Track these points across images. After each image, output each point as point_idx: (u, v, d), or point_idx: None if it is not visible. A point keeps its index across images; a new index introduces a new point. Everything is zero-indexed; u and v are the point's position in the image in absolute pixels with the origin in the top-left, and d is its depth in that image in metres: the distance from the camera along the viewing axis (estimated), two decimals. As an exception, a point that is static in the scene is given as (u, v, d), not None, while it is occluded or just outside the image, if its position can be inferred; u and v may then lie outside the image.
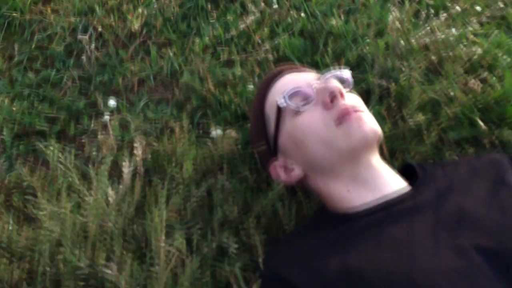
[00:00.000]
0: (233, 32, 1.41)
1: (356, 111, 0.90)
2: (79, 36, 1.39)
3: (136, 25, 1.38)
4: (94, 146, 1.11)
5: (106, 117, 1.13)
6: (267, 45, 1.37)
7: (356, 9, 1.51)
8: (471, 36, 1.28)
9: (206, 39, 1.42)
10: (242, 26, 1.42)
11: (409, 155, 1.06)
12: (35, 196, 0.95)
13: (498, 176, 0.87)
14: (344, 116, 0.89)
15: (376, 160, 0.91)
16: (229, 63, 1.38)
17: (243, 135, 1.15)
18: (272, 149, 1.00)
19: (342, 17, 1.46)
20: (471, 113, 1.11)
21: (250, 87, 1.25)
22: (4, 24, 1.46)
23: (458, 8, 1.51)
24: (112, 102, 1.15)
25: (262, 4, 1.56)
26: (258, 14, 1.46)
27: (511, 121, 1.09)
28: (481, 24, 1.46)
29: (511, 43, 1.29)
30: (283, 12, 1.53)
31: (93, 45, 1.37)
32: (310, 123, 0.92)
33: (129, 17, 1.40)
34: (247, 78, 1.28)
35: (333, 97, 0.91)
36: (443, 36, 1.22)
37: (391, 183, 0.89)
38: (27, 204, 0.92)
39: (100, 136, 1.10)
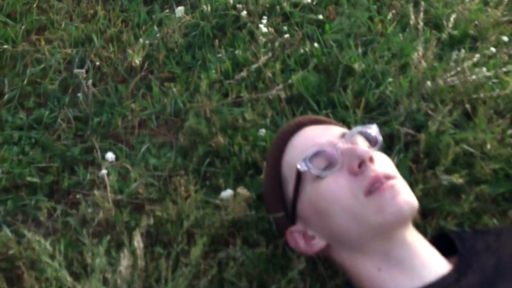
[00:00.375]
0: (243, 69, 1.28)
1: (388, 178, 0.78)
2: (76, 70, 1.27)
3: (137, 60, 1.25)
4: (89, 204, 0.98)
5: (103, 172, 1.00)
6: (279, 83, 1.24)
7: (374, 39, 1.38)
8: (504, 77, 1.15)
9: (213, 73, 1.30)
10: (252, 61, 1.29)
11: (443, 216, 0.94)
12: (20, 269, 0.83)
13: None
14: (374, 185, 0.77)
15: (410, 235, 0.79)
16: (238, 101, 1.25)
17: (256, 189, 1.03)
18: (290, 215, 0.87)
19: (360, 49, 1.33)
20: (508, 167, 0.99)
21: (262, 131, 1.12)
22: (-6, 57, 1.34)
23: (483, 39, 1.38)
24: (110, 156, 1.02)
25: (271, 30, 1.43)
26: (270, 50, 1.33)
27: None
28: (510, 56, 1.33)
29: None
30: (295, 42, 1.41)
31: (90, 81, 1.24)
32: (335, 191, 0.79)
33: (130, 51, 1.27)
34: (257, 121, 1.15)
35: (362, 162, 0.78)
36: (473, 77, 1.09)
37: (429, 263, 0.76)
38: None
39: (96, 192, 0.97)
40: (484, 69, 1.15)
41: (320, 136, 0.87)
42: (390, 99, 1.16)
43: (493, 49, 1.29)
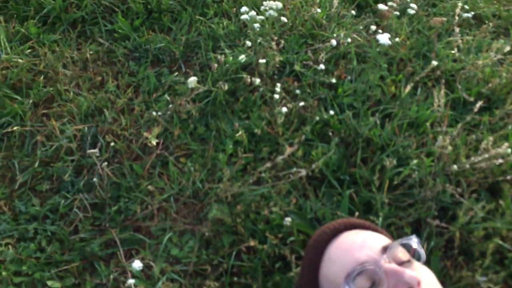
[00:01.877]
0: (259, 141, 1.22)
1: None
2: (89, 151, 1.19)
3: (153, 141, 1.18)
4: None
5: (131, 281, 0.94)
6: (299, 158, 1.19)
7: (389, 106, 1.33)
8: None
9: (230, 148, 1.24)
10: (267, 132, 1.24)
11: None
12: None
13: None
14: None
15: None
16: (258, 176, 1.19)
17: (286, 286, 0.97)
18: (330, 330, 0.82)
19: (375, 119, 1.28)
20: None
21: (287, 220, 1.06)
22: (1, 137, 1.26)
23: (497, 101, 1.35)
24: (137, 264, 0.95)
25: (284, 95, 1.38)
26: (285, 117, 1.28)
27: None
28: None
29: None
30: (309, 107, 1.35)
31: (105, 164, 1.17)
32: (382, 317, 0.74)
33: (147, 135, 1.20)
34: (281, 205, 1.10)
35: (409, 288, 0.73)
36: (500, 161, 1.05)
37: None
38: None
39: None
40: (505, 147, 1.11)
41: (359, 249, 0.81)
42: (414, 180, 1.11)
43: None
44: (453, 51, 1.51)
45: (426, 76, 1.43)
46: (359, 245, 0.82)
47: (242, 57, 1.42)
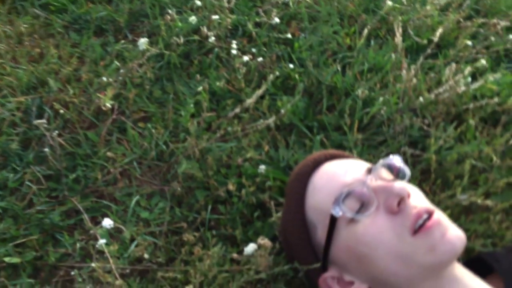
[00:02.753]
0: (221, 100, 1.19)
1: (430, 213, 0.73)
2: (35, 121, 1.10)
3: (108, 104, 1.11)
4: (85, 279, 0.84)
5: (102, 241, 0.86)
6: (264, 111, 1.16)
7: (345, 55, 1.34)
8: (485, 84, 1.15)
9: (191, 108, 1.19)
10: (228, 89, 1.20)
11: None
12: None
13: None
14: (417, 222, 0.71)
15: (458, 270, 0.74)
16: (222, 133, 1.15)
17: (267, 233, 0.94)
18: (322, 261, 0.80)
19: (336, 66, 1.28)
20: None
21: (262, 167, 1.03)
22: None
23: (447, 45, 1.40)
24: (108, 222, 0.88)
25: (239, 53, 1.34)
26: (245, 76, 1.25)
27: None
28: (476, 60, 1.35)
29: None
30: (267, 64, 1.33)
31: (55, 132, 1.08)
32: (377, 233, 0.73)
33: (100, 95, 1.13)
34: (253, 155, 1.06)
35: (401, 200, 0.73)
36: (463, 88, 1.08)
37: (481, 295, 0.73)
38: None
39: (94, 265, 0.83)
40: (466, 72, 1.15)
41: (344, 174, 0.80)
42: (382, 117, 1.12)
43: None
44: (399, 5, 1.55)
45: (378, 28, 1.46)
46: (343, 171, 0.81)
47: (193, 18, 1.38)
